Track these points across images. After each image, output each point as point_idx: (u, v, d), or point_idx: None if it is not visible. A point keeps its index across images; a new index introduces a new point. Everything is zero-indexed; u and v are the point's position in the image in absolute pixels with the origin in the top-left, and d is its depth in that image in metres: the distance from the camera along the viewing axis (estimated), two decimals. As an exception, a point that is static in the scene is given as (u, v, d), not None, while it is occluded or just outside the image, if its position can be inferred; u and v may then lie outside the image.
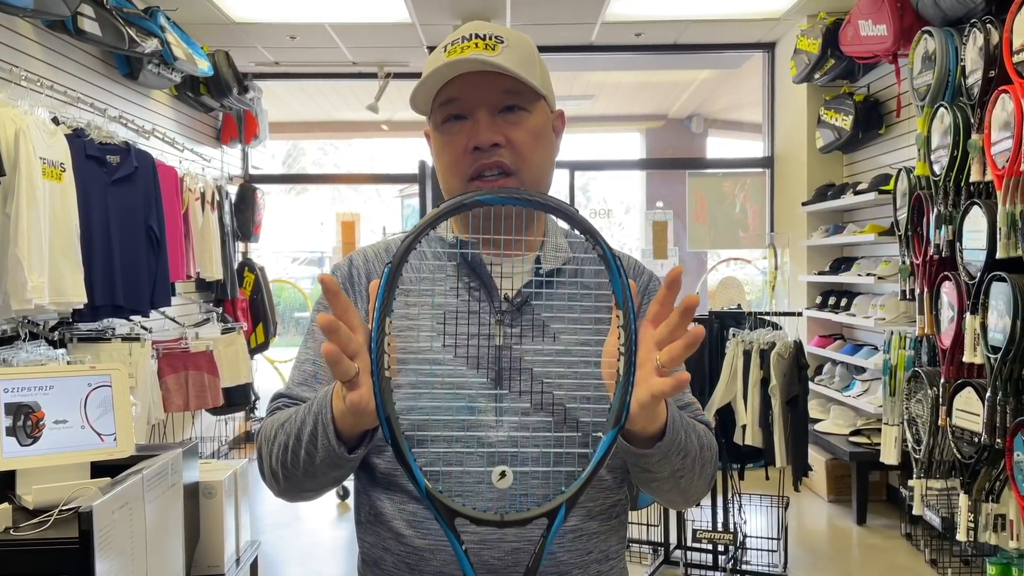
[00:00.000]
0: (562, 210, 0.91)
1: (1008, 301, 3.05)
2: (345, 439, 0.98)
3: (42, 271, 3.38)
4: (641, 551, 4.25)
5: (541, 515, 0.89)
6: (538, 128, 1.13)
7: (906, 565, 4.19)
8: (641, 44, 6.46)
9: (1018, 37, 3.02)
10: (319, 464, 1.02)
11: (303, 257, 14.82)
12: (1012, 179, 3.05)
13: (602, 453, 0.88)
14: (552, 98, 1.18)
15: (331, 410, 0.97)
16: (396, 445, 0.88)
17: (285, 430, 1.07)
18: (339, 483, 1.09)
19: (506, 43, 1.10)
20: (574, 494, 0.89)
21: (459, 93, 1.11)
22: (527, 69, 1.10)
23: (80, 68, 4.41)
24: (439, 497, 0.89)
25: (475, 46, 1.09)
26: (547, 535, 0.90)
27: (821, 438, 5.07)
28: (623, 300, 0.88)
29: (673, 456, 1.00)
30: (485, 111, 1.10)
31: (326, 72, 7.12)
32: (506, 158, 1.10)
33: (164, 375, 4.75)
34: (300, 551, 4.58)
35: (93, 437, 1.96)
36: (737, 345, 3.86)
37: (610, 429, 0.88)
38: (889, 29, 4.34)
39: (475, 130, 1.09)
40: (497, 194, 0.90)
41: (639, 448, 0.97)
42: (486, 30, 1.12)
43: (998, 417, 3.13)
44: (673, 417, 0.99)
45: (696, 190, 6.66)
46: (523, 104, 1.11)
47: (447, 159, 1.13)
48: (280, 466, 1.07)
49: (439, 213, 0.90)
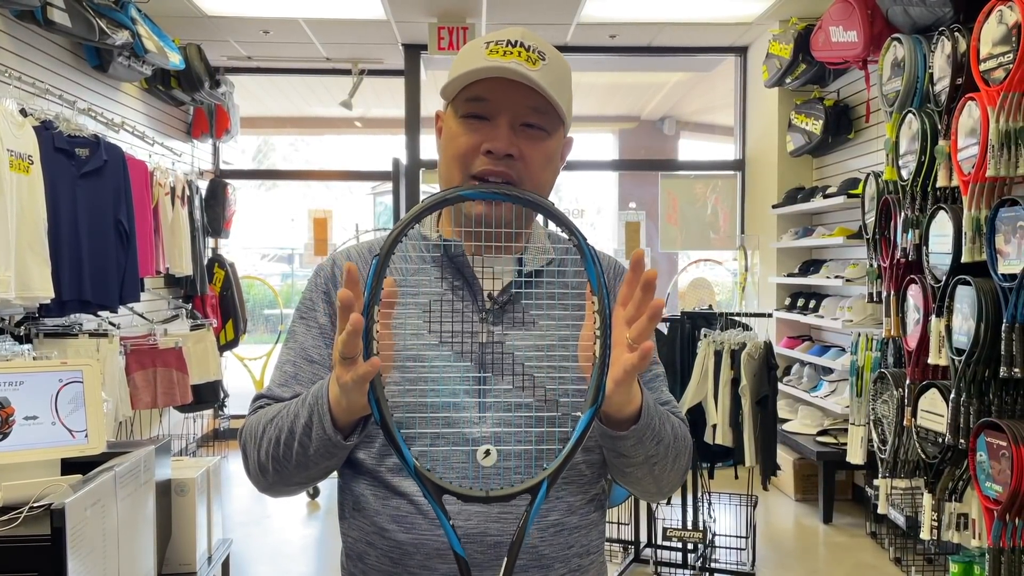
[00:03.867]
0: (541, 205, 0.98)
1: (972, 304, 3.11)
2: (340, 427, 1.01)
3: (8, 265, 3.32)
4: (612, 550, 4.28)
5: (524, 491, 0.94)
6: (551, 152, 1.15)
7: (871, 563, 4.26)
8: (615, 46, 6.50)
9: (985, 46, 3.09)
10: (312, 455, 1.04)
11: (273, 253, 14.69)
12: (977, 185, 3.12)
13: (580, 431, 0.93)
14: (570, 125, 1.19)
15: (327, 399, 1.00)
16: (385, 425, 0.93)
17: (276, 424, 1.08)
18: (328, 474, 1.11)
19: (547, 61, 1.11)
20: (555, 471, 0.94)
21: (489, 95, 1.11)
22: (559, 92, 1.12)
23: (49, 59, 4.34)
24: (427, 474, 0.94)
25: (518, 54, 1.09)
26: (530, 510, 0.94)
27: (789, 438, 5.13)
28: (598, 287, 0.94)
29: (647, 441, 1.04)
30: (508, 120, 1.11)
31: (299, 68, 7.07)
32: (514, 171, 1.11)
33: (132, 371, 4.69)
34: (271, 549, 4.55)
35: (64, 433, 1.94)
36: (708, 345, 3.90)
37: (588, 408, 0.93)
38: (859, 36, 4.41)
39: (494, 135, 1.10)
40: (479, 190, 0.97)
41: (616, 431, 1.01)
42: (532, 41, 1.12)
43: (962, 418, 3.19)
44: (648, 403, 1.03)
45: (668, 191, 6.71)
46: (544, 125, 1.13)
47: (455, 151, 1.13)
48: (271, 460, 1.08)
49: (424, 207, 0.95)
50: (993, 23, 3.04)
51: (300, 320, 1.20)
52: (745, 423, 3.80)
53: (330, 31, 6.04)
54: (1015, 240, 2.92)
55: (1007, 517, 2.94)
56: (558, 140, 1.16)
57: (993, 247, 3.03)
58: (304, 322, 1.20)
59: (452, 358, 1.09)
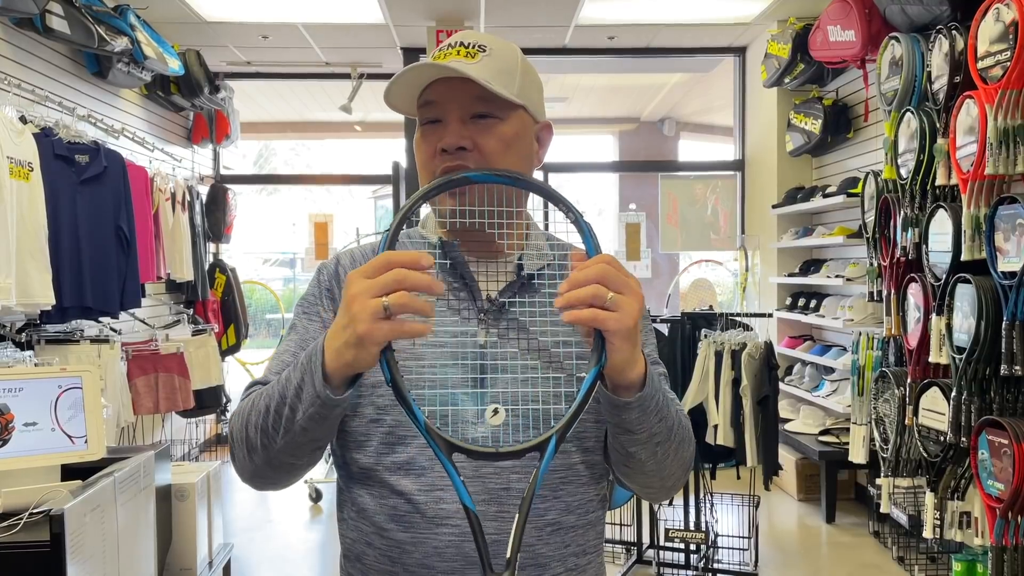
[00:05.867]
0: (541, 187, 1.04)
1: (972, 302, 3.11)
2: (333, 384, 0.99)
3: (9, 272, 3.32)
4: (614, 551, 4.27)
5: (533, 447, 0.96)
6: (509, 136, 1.15)
7: (874, 562, 4.25)
8: (614, 47, 6.50)
9: (983, 44, 3.09)
10: (300, 418, 1.01)
11: (275, 258, 14.70)
12: (976, 183, 3.12)
13: (586, 389, 0.96)
14: (537, 108, 1.21)
15: (322, 355, 0.98)
16: (395, 383, 0.94)
17: (266, 394, 1.07)
18: (315, 452, 1.09)
19: (488, 53, 1.14)
20: (563, 427, 0.97)
21: (435, 97, 1.15)
22: (503, 80, 1.13)
23: (48, 66, 4.35)
24: (437, 431, 0.95)
25: (456, 53, 1.14)
26: (540, 466, 0.96)
27: (791, 438, 5.13)
28: (594, 255, 0.99)
29: (651, 414, 1.04)
30: (456, 116, 1.14)
31: (299, 72, 7.08)
32: (471, 162, 1.13)
33: (134, 377, 4.69)
34: (273, 554, 4.55)
35: (64, 439, 1.94)
36: (709, 346, 3.89)
37: (592, 367, 0.96)
38: (857, 35, 4.41)
39: (444, 133, 1.14)
40: (484, 172, 1.02)
41: (622, 398, 1.02)
42: (472, 39, 1.16)
43: (963, 416, 3.19)
44: (652, 375, 1.04)
45: (668, 192, 6.71)
46: (495, 112, 1.14)
47: (421, 158, 1.18)
48: (259, 432, 1.07)
49: (430, 188, 1.01)
50: (990, 21, 3.04)
51: (303, 314, 1.21)
52: (746, 423, 3.79)
53: (329, 35, 6.05)
54: (1014, 238, 2.92)
55: (1009, 515, 2.94)
56: (517, 124, 1.16)
57: (992, 245, 3.03)
58: (307, 316, 1.20)
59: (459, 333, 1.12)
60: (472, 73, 1.10)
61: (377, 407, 1.12)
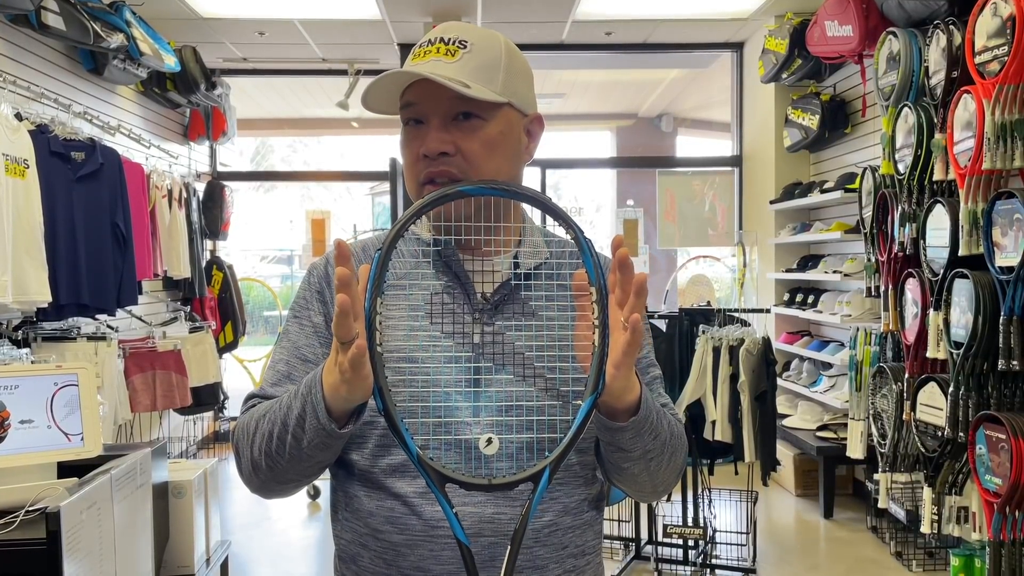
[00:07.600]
0: (539, 199, 1.00)
1: (970, 298, 3.11)
2: (335, 416, 0.99)
3: (5, 269, 3.32)
4: (612, 547, 4.27)
5: (527, 479, 0.95)
6: (493, 137, 1.11)
7: (872, 557, 4.26)
8: (611, 43, 6.49)
9: (980, 38, 3.08)
10: (306, 447, 1.02)
11: (272, 255, 14.68)
12: (974, 178, 3.11)
13: (582, 418, 0.94)
14: (525, 101, 1.17)
15: (321, 388, 0.98)
16: (388, 414, 0.93)
17: (268, 419, 1.07)
18: (322, 469, 1.10)
19: (469, 49, 1.10)
20: (557, 458, 0.95)
21: (415, 98, 1.11)
22: (485, 76, 1.09)
23: (44, 63, 4.33)
24: (430, 463, 0.94)
25: (436, 51, 1.10)
26: (533, 498, 0.95)
27: (789, 433, 5.13)
28: (595, 278, 0.95)
29: (645, 434, 1.04)
30: (438, 118, 1.10)
31: (296, 69, 7.06)
32: (455, 167, 1.09)
33: (131, 375, 4.69)
34: (271, 551, 4.55)
35: (60, 437, 1.93)
36: (706, 342, 3.89)
37: (588, 396, 0.94)
38: (855, 30, 4.41)
39: (425, 138, 1.10)
40: (479, 186, 0.98)
41: (615, 422, 1.01)
42: (453, 33, 1.11)
43: (961, 411, 3.19)
44: (646, 397, 1.03)
45: (666, 188, 6.71)
46: (478, 112, 1.10)
47: (405, 162, 1.15)
48: (264, 456, 1.07)
49: (424, 204, 0.97)
50: (988, 16, 3.04)
51: (294, 319, 1.19)
52: (744, 419, 3.79)
53: (325, 32, 6.03)
54: (1012, 233, 2.92)
55: (1007, 510, 2.94)
56: (502, 122, 1.12)
57: (990, 240, 3.03)
58: (298, 321, 1.19)
59: (452, 348, 1.09)
60: (450, 74, 1.06)
61: (372, 409, 1.10)
